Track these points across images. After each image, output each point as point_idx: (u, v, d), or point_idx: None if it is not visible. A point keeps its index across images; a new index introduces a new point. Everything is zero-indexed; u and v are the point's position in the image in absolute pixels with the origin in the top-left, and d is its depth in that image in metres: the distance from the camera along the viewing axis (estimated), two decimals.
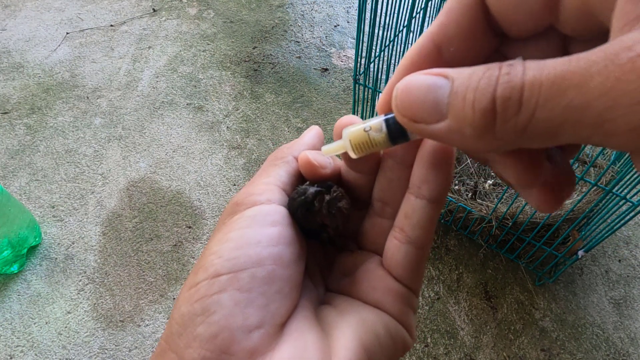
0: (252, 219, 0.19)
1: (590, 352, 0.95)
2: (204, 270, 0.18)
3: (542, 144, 0.13)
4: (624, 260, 1.10)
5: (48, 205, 1.17)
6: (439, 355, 0.95)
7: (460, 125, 0.14)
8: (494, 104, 0.13)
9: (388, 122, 0.17)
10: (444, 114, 0.14)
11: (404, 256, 0.21)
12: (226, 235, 0.18)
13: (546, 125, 0.12)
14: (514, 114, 0.12)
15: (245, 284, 0.17)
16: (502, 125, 0.13)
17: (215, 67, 1.55)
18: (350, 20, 1.75)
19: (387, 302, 0.21)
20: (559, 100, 0.12)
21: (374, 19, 0.82)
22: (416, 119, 0.15)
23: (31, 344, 0.95)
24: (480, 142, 0.14)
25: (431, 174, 0.20)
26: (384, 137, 0.17)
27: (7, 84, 1.48)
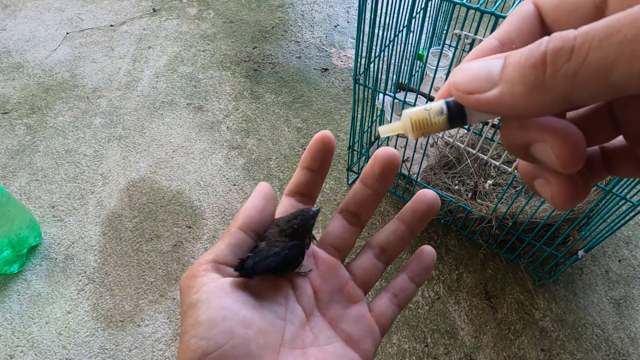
0: (207, 301, 0.23)
1: (590, 352, 0.95)
2: (192, 351, 0.22)
3: (592, 91, 0.13)
4: (624, 260, 1.10)
5: (48, 205, 1.17)
6: (439, 355, 0.95)
7: (511, 86, 0.15)
8: (545, 56, 0.14)
9: (448, 104, 0.18)
10: (496, 82, 0.15)
11: (391, 313, 0.29)
12: (196, 319, 0.23)
13: (598, 66, 0.13)
14: (565, 62, 0.13)
15: (231, 354, 0.22)
16: (552, 75, 0.14)
17: (215, 67, 1.55)
18: (350, 20, 1.76)
19: (365, 343, 0.27)
20: (612, 39, 0.12)
21: (374, 19, 0.82)
22: (470, 91, 0.16)
23: (31, 344, 0.95)
24: (530, 99, 0.14)
25: (424, 272, 0.30)
26: (444, 118, 0.18)
27: (7, 84, 1.48)
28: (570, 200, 0.17)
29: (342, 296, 0.29)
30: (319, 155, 0.28)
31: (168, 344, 0.95)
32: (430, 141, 1.15)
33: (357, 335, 0.27)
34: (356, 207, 0.29)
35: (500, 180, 1.09)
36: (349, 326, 0.28)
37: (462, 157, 1.12)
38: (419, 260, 0.30)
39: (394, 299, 0.29)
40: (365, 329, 0.28)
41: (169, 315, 0.99)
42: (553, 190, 0.17)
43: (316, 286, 0.29)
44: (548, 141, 0.16)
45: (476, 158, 1.08)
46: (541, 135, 0.16)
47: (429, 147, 1.15)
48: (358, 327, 0.28)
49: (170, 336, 0.96)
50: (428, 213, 0.29)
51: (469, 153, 1.08)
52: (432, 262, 0.30)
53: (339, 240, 0.30)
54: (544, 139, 0.16)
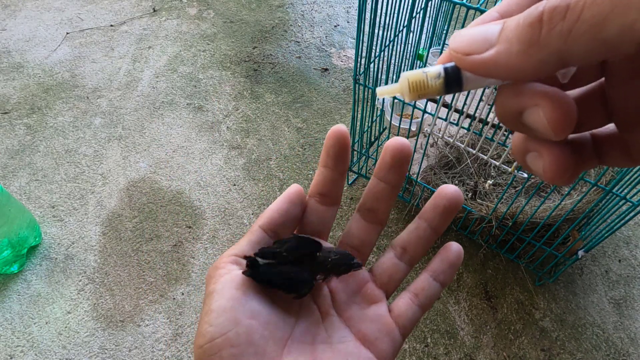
0: (221, 291, 0.25)
1: (590, 352, 0.95)
2: (202, 336, 0.24)
3: (585, 48, 0.14)
4: (624, 260, 1.10)
5: (48, 205, 1.17)
6: (439, 355, 0.95)
7: (508, 45, 0.15)
8: (542, 15, 0.14)
9: (446, 68, 0.18)
10: (493, 43, 0.16)
11: (412, 314, 0.28)
12: (209, 307, 0.24)
13: (592, 22, 0.13)
14: (560, 19, 0.14)
15: (234, 341, 0.23)
16: (547, 32, 0.14)
17: (215, 67, 1.55)
18: (350, 20, 1.76)
19: (382, 344, 0.27)
20: None
21: (374, 19, 0.82)
22: (467, 52, 0.16)
23: (31, 344, 0.95)
24: (525, 57, 0.15)
25: (449, 270, 0.29)
26: (440, 82, 0.18)
27: (7, 84, 1.48)
28: (561, 173, 0.18)
29: (360, 297, 0.29)
30: (333, 152, 0.28)
31: (168, 344, 0.95)
32: (430, 141, 1.15)
33: (373, 335, 0.27)
34: (372, 202, 0.29)
35: (500, 180, 1.09)
36: (365, 326, 0.27)
37: (462, 157, 1.12)
38: (442, 258, 0.29)
39: (414, 298, 0.29)
40: (382, 329, 0.27)
41: (169, 315, 0.99)
42: (545, 162, 0.18)
43: (333, 287, 0.29)
44: (540, 104, 0.16)
45: (476, 158, 1.08)
46: (534, 100, 0.16)
47: (429, 147, 1.15)
48: (375, 326, 0.27)
49: (170, 336, 0.96)
50: (449, 209, 0.28)
51: (469, 153, 1.08)
52: (457, 260, 0.29)
53: (358, 240, 0.29)
54: (536, 102, 0.16)
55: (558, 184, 0.18)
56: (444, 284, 0.29)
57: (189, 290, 1.03)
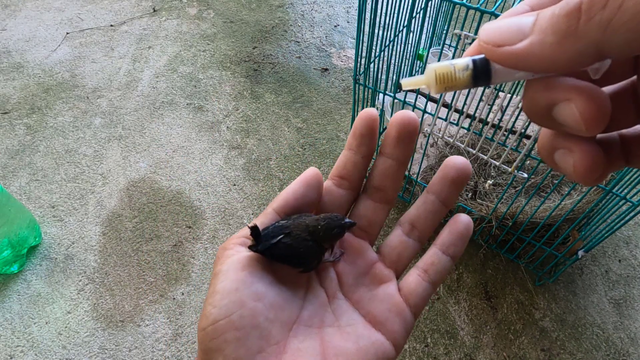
0: (226, 272, 0.24)
1: (590, 352, 0.95)
2: (206, 318, 0.23)
3: (625, 39, 0.13)
4: (624, 260, 1.10)
5: (48, 205, 1.17)
6: (439, 355, 0.95)
7: (542, 36, 0.15)
8: (580, 4, 0.14)
9: (475, 61, 0.18)
10: (527, 34, 0.15)
11: (422, 291, 0.27)
12: (214, 288, 0.24)
13: (635, 11, 0.12)
14: (600, 8, 0.13)
15: (238, 324, 0.23)
16: (586, 22, 0.13)
17: (215, 67, 1.55)
18: (350, 20, 1.75)
19: (393, 325, 0.26)
20: None
21: (374, 19, 0.82)
22: (500, 43, 0.16)
23: (31, 344, 0.95)
24: (560, 48, 0.14)
25: (459, 242, 0.27)
26: (468, 74, 0.18)
27: (7, 84, 1.48)
28: (592, 170, 0.17)
29: (368, 278, 0.28)
30: (359, 132, 0.27)
31: (168, 344, 0.95)
32: (430, 141, 1.15)
33: (383, 315, 0.26)
34: (379, 180, 0.28)
35: (500, 180, 1.09)
36: (374, 307, 0.26)
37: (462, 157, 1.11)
38: (450, 230, 0.28)
39: (424, 274, 0.27)
40: (392, 309, 0.26)
41: (169, 315, 0.99)
42: (575, 159, 0.17)
43: (339, 270, 0.28)
44: (573, 99, 0.16)
45: (476, 158, 1.08)
46: (566, 94, 0.16)
47: (429, 147, 1.15)
48: (384, 307, 0.26)
49: (170, 336, 0.96)
50: (457, 180, 0.27)
51: (469, 153, 1.08)
52: (466, 231, 0.27)
53: (365, 220, 0.28)
54: (569, 97, 0.16)
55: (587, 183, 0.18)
56: (454, 257, 0.28)
57: (189, 290, 1.03)
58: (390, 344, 0.25)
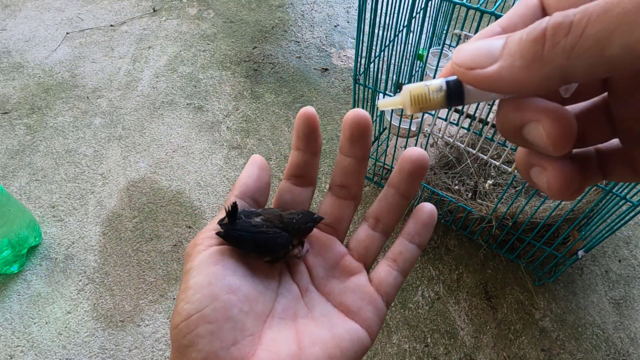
0: (199, 267, 0.24)
1: (590, 352, 0.95)
2: (179, 314, 0.23)
3: (587, 65, 0.14)
4: (624, 260, 1.10)
5: (48, 205, 1.17)
6: (439, 355, 0.95)
7: (511, 60, 0.15)
8: (545, 31, 0.14)
9: (448, 82, 0.19)
10: (497, 58, 0.16)
11: (392, 280, 0.28)
12: (186, 284, 0.24)
13: (595, 39, 0.13)
14: (563, 35, 0.14)
15: (211, 317, 0.23)
16: (550, 48, 0.14)
17: (215, 67, 1.55)
18: (350, 20, 1.76)
19: (366, 313, 0.26)
20: (611, 12, 0.13)
21: (374, 19, 0.82)
22: (471, 66, 0.17)
23: (31, 344, 0.95)
24: (528, 72, 0.15)
25: (423, 231, 0.28)
26: (442, 95, 0.19)
27: (7, 84, 1.48)
28: (565, 187, 0.17)
29: (339, 271, 0.28)
30: (303, 133, 0.28)
31: (168, 344, 0.95)
32: (431, 141, 1.15)
33: (355, 305, 0.27)
34: (341, 178, 0.29)
35: (500, 180, 1.09)
36: (346, 297, 0.27)
37: (462, 157, 1.12)
38: (415, 220, 0.28)
39: (393, 264, 0.28)
40: (364, 297, 0.27)
41: (169, 315, 0.99)
42: (548, 177, 0.18)
43: (309, 264, 0.29)
44: (541, 120, 0.16)
45: (476, 158, 1.08)
46: (535, 115, 0.16)
47: (429, 147, 1.15)
48: (356, 297, 0.27)
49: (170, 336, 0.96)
50: (414, 172, 0.27)
51: (469, 153, 1.08)
52: (430, 219, 0.28)
53: (331, 217, 0.29)
54: (537, 118, 0.16)
55: (562, 199, 0.18)
56: (420, 246, 0.28)
57: None
58: (365, 331, 0.26)
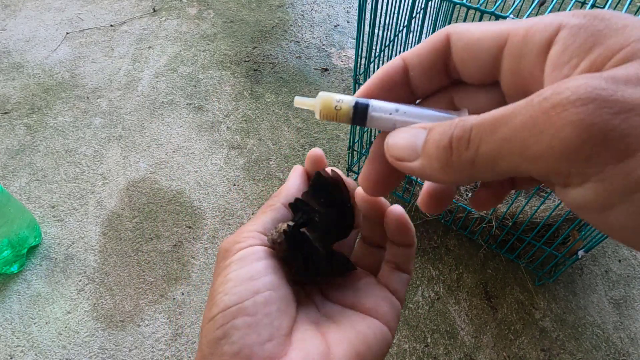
0: (241, 261, 0.24)
1: (590, 352, 0.95)
2: (216, 306, 0.23)
3: (488, 175, 0.16)
4: (624, 260, 1.10)
5: (48, 205, 1.17)
6: (439, 355, 0.95)
7: (428, 161, 0.18)
8: (451, 142, 0.17)
9: (357, 104, 0.20)
10: (419, 154, 0.18)
11: (397, 277, 0.28)
12: (225, 277, 0.23)
13: (488, 157, 0.16)
14: (464, 149, 0.16)
15: (251, 310, 0.22)
16: (457, 158, 0.17)
17: (215, 67, 1.55)
18: (350, 20, 1.75)
19: (382, 308, 0.26)
20: (495, 135, 0.15)
21: (374, 19, 0.82)
22: (399, 158, 0.19)
23: (31, 344, 0.95)
24: (444, 174, 0.17)
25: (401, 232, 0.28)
26: (347, 116, 0.20)
27: (7, 84, 1.48)
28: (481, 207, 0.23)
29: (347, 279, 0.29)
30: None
31: (168, 344, 0.95)
32: None
33: (370, 302, 0.27)
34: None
35: None
36: (359, 298, 0.27)
37: None
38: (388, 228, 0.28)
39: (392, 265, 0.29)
40: (378, 294, 0.27)
41: (169, 315, 0.99)
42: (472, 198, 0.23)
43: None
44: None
45: None
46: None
47: None
48: (369, 295, 0.27)
49: (170, 336, 0.96)
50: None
51: None
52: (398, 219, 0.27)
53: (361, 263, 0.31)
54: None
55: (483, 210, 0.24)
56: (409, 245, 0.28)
57: (189, 290, 1.03)
58: (385, 326, 0.26)
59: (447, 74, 0.21)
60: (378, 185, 0.22)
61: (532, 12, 1.26)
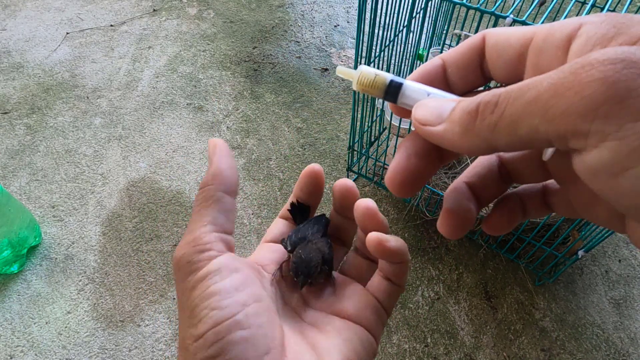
0: (219, 272, 0.22)
1: (590, 352, 0.95)
2: (203, 323, 0.21)
3: (506, 141, 0.16)
4: (624, 260, 1.10)
5: (48, 205, 1.17)
6: (439, 355, 0.95)
7: (452, 125, 0.18)
8: (478, 107, 0.17)
9: (392, 81, 0.21)
10: (444, 119, 0.19)
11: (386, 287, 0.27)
12: (207, 290, 0.22)
13: (509, 120, 0.16)
14: (489, 113, 0.16)
15: (245, 323, 0.21)
16: (480, 122, 0.17)
17: (215, 67, 1.55)
18: (350, 20, 1.75)
19: (366, 315, 0.26)
20: (521, 99, 0.16)
21: (374, 19, 0.82)
22: (424, 122, 0.19)
23: (31, 344, 0.95)
24: (464, 138, 0.17)
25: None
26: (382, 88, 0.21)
27: (7, 84, 1.48)
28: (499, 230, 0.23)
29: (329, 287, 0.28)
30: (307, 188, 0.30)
31: (168, 344, 0.95)
32: None
33: (354, 309, 0.26)
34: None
35: None
36: (343, 304, 0.27)
37: (462, 157, 1.12)
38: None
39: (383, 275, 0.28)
40: (362, 300, 0.27)
41: (169, 315, 0.99)
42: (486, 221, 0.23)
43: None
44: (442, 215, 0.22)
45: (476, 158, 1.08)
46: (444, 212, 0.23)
47: None
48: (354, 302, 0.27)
49: (170, 336, 0.96)
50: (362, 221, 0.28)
51: None
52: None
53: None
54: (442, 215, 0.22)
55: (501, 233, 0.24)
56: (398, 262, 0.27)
57: None
58: (369, 333, 0.26)
59: (482, 73, 0.22)
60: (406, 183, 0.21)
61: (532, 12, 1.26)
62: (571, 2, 0.73)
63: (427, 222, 1.14)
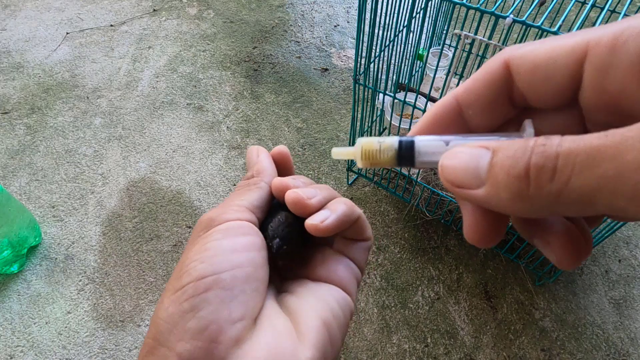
0: (226, 232, 0.22)
1: (590, 352, 0.95)
2: (188, 274, 0.20)
3: (578, 211, 0.14)
4: (624, 260, 1.10)
5: (48, 205, 1.17)
6: (439, 355, 0.95)
7: (496, 190, 0.15)
8: (528, 170, 0.14)
9: (401, 142, 0.18)
10: (483, 180, 0.15)
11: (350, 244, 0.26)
12: (204, 246, 0.21)
13: (581, 193, 0.13)
14: (547, 181, 0.13)
15: (228, 284, 0.20)
16: (536, 190, 0.14)
17: (215, 67, 1.55)
18: (350, 20, 1.76)
19: (337, 273, 0.25)
20: (594, 170, 0.12)
21: (374, 19, 0.82)
22: (459, 185, 0.16)
23: (31, 344, 0.95)
24: (517, 206, 0.15)
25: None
26: (392, 155, 0.18)
27: (7, 84, 1.48)
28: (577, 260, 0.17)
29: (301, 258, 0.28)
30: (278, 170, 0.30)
31: None
32: None
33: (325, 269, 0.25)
34: None
35: None
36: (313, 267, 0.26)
37: None
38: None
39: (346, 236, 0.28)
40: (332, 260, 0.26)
41: None
42: (557, 255, 0.17)
43: None
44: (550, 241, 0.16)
45: None
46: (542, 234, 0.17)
47: None
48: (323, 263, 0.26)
49: None
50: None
51: None
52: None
53: None
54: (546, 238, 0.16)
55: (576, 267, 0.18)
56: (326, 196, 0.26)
57: None
58: (343, 291, 0.25)
59: (512, 104, 0.18)
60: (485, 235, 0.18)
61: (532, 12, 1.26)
62: (571, 2, 0.73)
63: (427, 222, 1.14)
